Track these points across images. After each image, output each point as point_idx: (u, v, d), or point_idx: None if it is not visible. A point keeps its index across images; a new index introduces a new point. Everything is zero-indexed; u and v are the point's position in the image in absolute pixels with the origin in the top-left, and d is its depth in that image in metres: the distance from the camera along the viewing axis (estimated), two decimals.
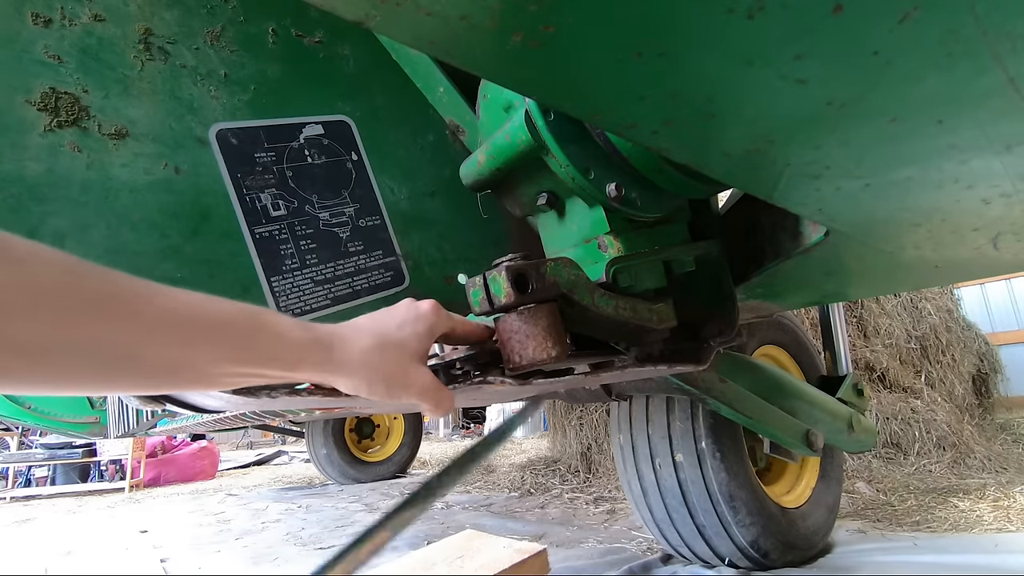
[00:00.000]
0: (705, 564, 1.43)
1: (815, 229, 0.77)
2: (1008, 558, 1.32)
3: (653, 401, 1.39)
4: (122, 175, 0.64)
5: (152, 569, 1.90)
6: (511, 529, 2.03)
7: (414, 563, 1.20)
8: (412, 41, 0.38)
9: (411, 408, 0.82)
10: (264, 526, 2.50)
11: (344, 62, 0.84)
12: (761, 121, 0.46)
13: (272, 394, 0.59)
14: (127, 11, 0.68)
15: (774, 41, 0.37)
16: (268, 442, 8.72)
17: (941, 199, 0.60)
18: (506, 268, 0.59)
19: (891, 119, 0.45)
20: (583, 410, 3.06)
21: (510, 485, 3.02)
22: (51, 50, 0.62)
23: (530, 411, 0.71)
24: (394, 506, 0.52)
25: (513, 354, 0.59)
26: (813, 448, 1.32)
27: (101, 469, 4.65)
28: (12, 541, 2.60)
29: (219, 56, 0.73)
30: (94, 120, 0.64)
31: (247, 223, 0.71)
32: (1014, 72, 0.39)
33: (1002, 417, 3.51)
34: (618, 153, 0.68)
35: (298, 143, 0.77)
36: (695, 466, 1.31)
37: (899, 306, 3.07)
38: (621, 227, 0.74)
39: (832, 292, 1.13)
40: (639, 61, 0.39)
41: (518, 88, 0.47)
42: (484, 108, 0.78)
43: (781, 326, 1.63)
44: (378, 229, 0.81)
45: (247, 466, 5.86)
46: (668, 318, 0.77)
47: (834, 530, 1.57)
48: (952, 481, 2.19)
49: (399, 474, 3.91)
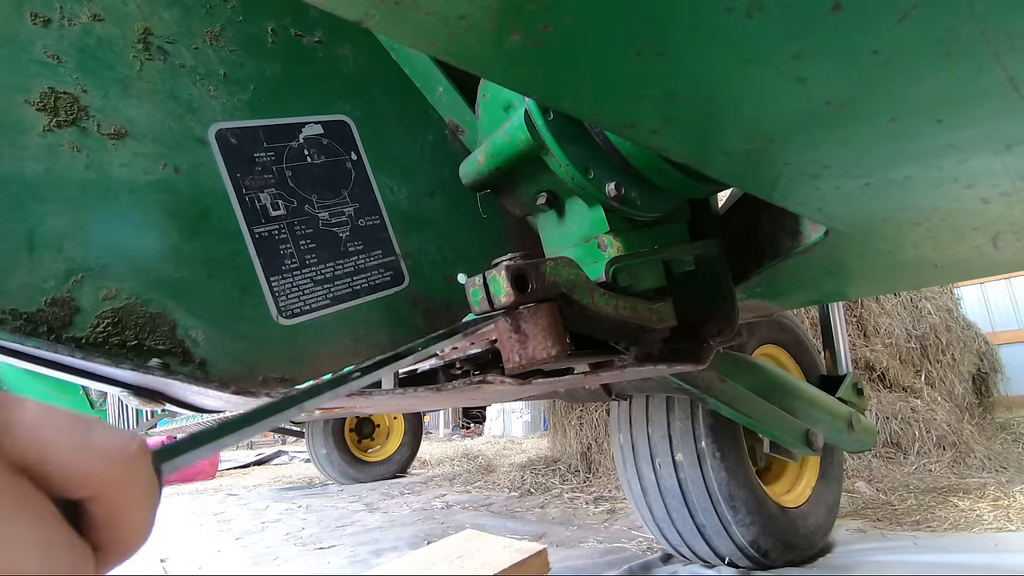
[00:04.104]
0: (705, 564, 1.43)
1: (815, 228, 0.77)
2: (1008, 557, 1.32)
3: (653, 401, 1.39)
4: (121, 175, 0.64)
5: (152, 569, 1.90)
6: (511, 529, 2.03)
7: (414, 563, 1.20)
8: (411, 41, 0.38)
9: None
10: (264, 526, 2.50)
11: (343, 62, 0.84)
12: (760, 120, 0.46)
13: (272, 394, 0.59)
14: (126, 11, 0.68)
15: (773, 40, 0.37)
16: (268, 442, 8.72)
17: (941, 198, 0.60)
18: (506, 268, 0.59)
19: (890, 118, 0.45)
20: (583, 410, 3.06)
21: (510, 485, 3.02)
22: (50, 50, 0.62)
23: (472, 329, 0.59)
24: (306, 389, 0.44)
25: (513, 354, 0.59)
26: (813, 447, 1.32)
27: None
28: None
29: (218, 56, 0.73)
30: (93, 120, 0.64)
31: (246, 223, 0.71)
32: (1014, 71, 0.39)
33: (1002, 416, 3.51)
34: (617, 152, 0.68)
35: (297, 143, 0.77)
36: (695, 466, 1.31)
37: (899, 305, 3.07)
38: (621, 227, 0.74)
39: (832, 291, 1.13)
40: (638, 61, 0.39)
41: (517, 88, 0.47)
42: (483, 108, 0.78)
43: (781, 325, 1.63)
44: (377, 229, 0.81)
45: (247, 466, 5.86)
46: (668, 317, 0.77)
47: (834, 529, 1.57)
48: (952, 480, 2.19)
49: (399, 474, 3.91)
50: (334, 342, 0.75)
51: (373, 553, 1.86)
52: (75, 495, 0.21)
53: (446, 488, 3.21)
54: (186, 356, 0.65)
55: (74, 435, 0.21)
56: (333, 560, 1.83)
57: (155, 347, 0.63)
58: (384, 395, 0.66)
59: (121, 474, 0.22)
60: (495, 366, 0.62)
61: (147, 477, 0.24)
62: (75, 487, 0.21)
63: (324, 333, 0.74)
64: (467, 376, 0.62)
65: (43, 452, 0.20)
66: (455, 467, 4.11)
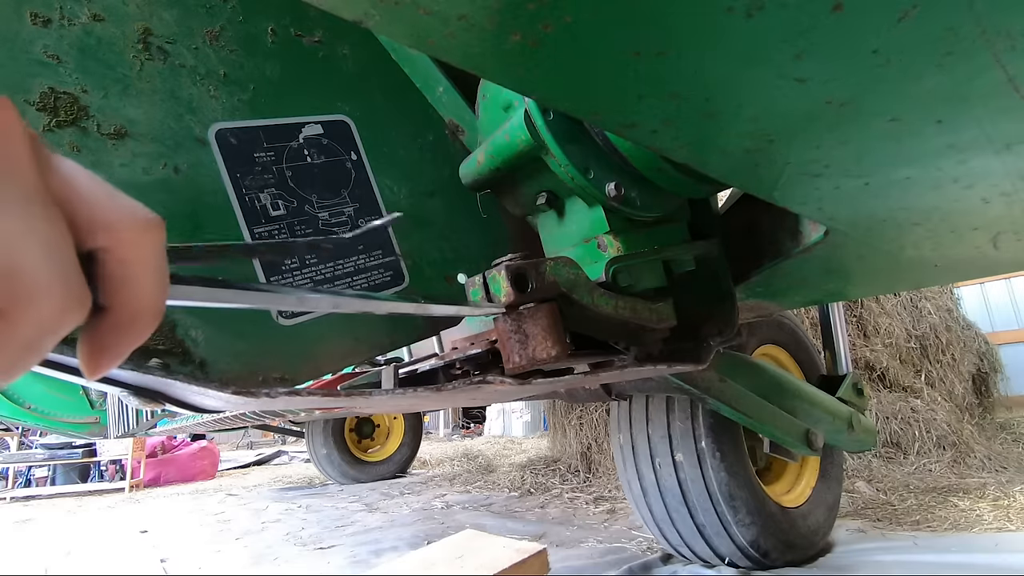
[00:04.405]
0: (705, 564, 1.43)
1: (815, 228, 0.77)
2: (1008, 557, 1.32)
3: (653, 401, 1.39)
4: (121, 175, 0.64)
5: (152, 569, 1.90)
6: (511, 529, 2.03)
7: (414, 563, 1.20)
8: (411, 41, 0.38)
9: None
10: (264, 526, 2.50)
11: (343, 62, 0.84)
12: (761, 120, 0.46)
13: (272, 394, 0.59)
14: (126, 11, 0.68)
15: (773, 40, 0.37)
16: (268, 442, 8.72)
17: (940, 198, 0.60)
18: (506, 268, 0.59)
19: (890, 118, 0.45)
20: (583, 410, 3.06)
21: (510, 485, 3.02)
22: (50, 50, 0.62)
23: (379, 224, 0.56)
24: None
25: (513, 354, 0.59)
26: (813, 447, 1.32)
27: (101, 469, 4.65)
28: (12, 541, 2.60)
29: (218, 56, 0.73)
30: (93, 120, 0.64)
31: (246, 223, 0.71)
32: (1013, 71, 0.39)
33: (1002, 416, 3.51)
34: (617, 152, 0.68)
35: (297, 143, 0.77)
36: (695, 466, 1.31)
37: (899, 305, 3.07)
38: (621, 227, 0.74)
39: (832, 291, 1.13)
40: (638, 60, 0.39)
41: (517, 88, 0.47)
42: (483, 108, 0.78)
43: (781, 325, 1.63)
44: (377, 229, 0.81)
45: (247, 466, 5.86)
46: (668, 317, 0.77)
47: (834, 529, 1.57)
48: (952, 480, 2.19)
49: (399, 474, 3.91)
50: (334, 342, 0.75)
51: (373, 553, 1.86)
52: (93, 243, 0.22)
53: (446, 488, 3.21)
54: (186, 356, 0.64)
55: (103, 188, 0.23)
56: (333, 560, 1.82)
57: (155, 347, 0.63)
58: (384, 395, 0.66)
59: (136, 233, 0.23)
60: (495, 366, 0.62)
61: (159, 248, 0.24)
62: (94, 233, 0.22)
63: (324, 333, 0.74)
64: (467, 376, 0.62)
65: (76, 192, 0.22)
66: (455, 467, 4.11)
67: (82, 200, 0.22)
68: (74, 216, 0.21)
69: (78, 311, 0.21)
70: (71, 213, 0.21)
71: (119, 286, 0.23)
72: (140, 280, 0.23)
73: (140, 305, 0.23)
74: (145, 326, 0.24)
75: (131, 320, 0.23)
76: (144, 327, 0.24)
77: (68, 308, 0.20)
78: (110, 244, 0.22)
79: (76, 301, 0.20)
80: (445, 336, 1.38)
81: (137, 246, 0.23)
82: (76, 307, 0.20)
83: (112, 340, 0.23)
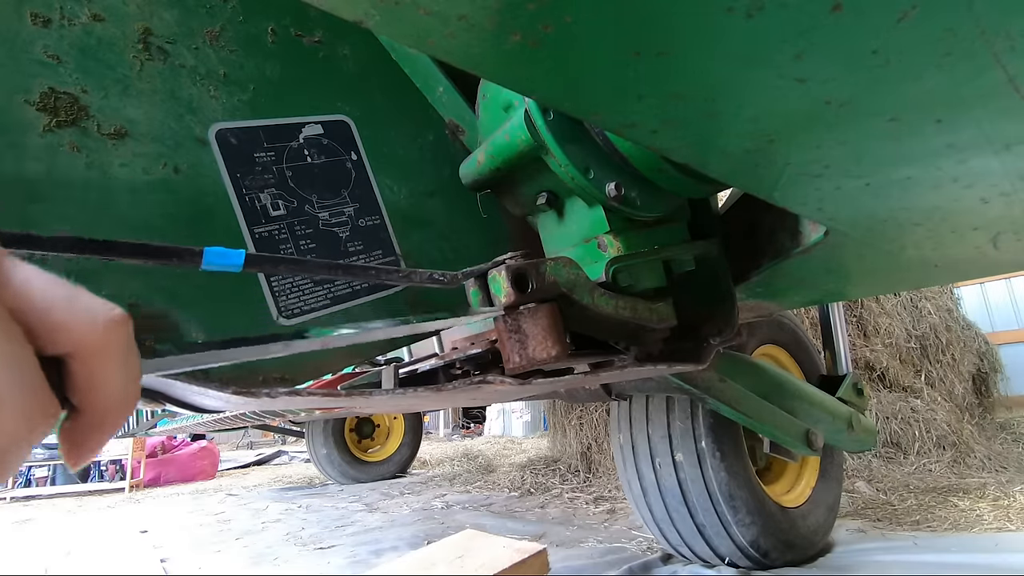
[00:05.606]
0: (705, 564, 1.43)
1: (815, 228, 0.77)
2: (1008, 557, 1.32)
3: (653, 401, 1.39)
4: (121, 175, 0.64)
5: (152, 569, 1.90)
6: (511, 529, 2.03)
7: (414, 563, 1.20)
8: (411, 41, 0.38)
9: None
10: (264, 526, 2.50)
11: (343, 62, 0.84)
12: (761, 120, 0.46)
13: (272, 394, 0.59)
14: (126, 11, 0.68)
15: (773, 40, 0.37)
16: (268, 442, 8.72)
17: (940, 198, 0.60)
18: (506, 268, 0.59)
19: (890, 118, 0.45)
20: (583, 410, 3.06)
21: (510, 485, 3.02)
22: (50, 50, 0.62)
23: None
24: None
25: (513, 354, 0.59)
26: (813, 447, 1.32)
27: (101, 469, 4.65)
28: (12, 541, 2.60)
29: (218, 56, 0.73)
30: (93, 120, 0.64)
31: (247, 223, 0.71)
32: (1013, 71, 0.39)
33: (1002, 416, 3.51)
34: (618, 152, 0.68)
35: (297, 143, 0.77)
36: (695, 466, 1.31)
37: (899, 305, 3.07)
38: (621, 227, 0.74)
39: (832, 291, 1.13)
40: (638, 60, 0.39)
41: (517, 88, 0.47)
42: (483, 108, 0.78)
43: (781, 325, 1.63)
44: (378, 229, 0.81)
45: (247, 466, 5.86)
46: (668, 317, 0.77)
47: (834, 529, 1.57)
48: (952, 480, 2.19)
49: (399, 474, 3.91)
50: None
51: (373, 553, 1.86)
52: (55, 350, 0.22)
53: (446, 488, 3.21)
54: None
55: (61, 292, 0.22)
56: (333, 560, 1.83)
57: (155, 347, 0.63)
58: (384, 395, 0.66)
59: (100, 335, 0.22)
60: (495, 366, 0.62)
61: (126, 344, 0.24)
62: (56, 341, 0.22)
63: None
64: (467, 376, 0.62)
65: (31, 302, 0.21)
66: (455, 467, 4.11)
67: (39, 309, 0.21)
68: (33, 326, 0.21)
69: (44, 421, 0.21)
70: (29, 324, 0.21)
71: (86, 389, 0.23)
72: (106, 382, 0.23)
73: (108, 405, 0.24)
74: (115, 422, 0.24)
75: (101, 420, 0.24)
76: (115, 423, 0.24)
77: (32, 418, 0.20)
78: (72, 350, 0.22)
79: (40, 411, 0.20)
80: (445, 336, 1.38)
81: (99, 350, 0.23)
82: (41, 417, 0.20)
83: (86, 438, 0.24)
